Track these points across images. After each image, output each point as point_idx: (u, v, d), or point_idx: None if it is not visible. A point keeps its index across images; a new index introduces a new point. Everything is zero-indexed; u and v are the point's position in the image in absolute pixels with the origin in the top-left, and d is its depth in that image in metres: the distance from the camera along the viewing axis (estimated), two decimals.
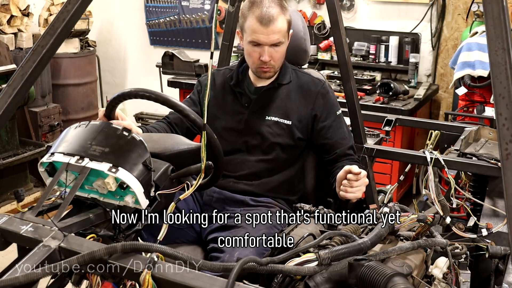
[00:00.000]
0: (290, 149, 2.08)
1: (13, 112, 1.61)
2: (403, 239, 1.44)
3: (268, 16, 1.92)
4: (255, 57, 1.99)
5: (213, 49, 1.38)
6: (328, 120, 2.08)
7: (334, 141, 2.09)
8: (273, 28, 1.93)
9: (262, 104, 2.07)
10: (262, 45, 1.96)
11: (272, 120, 2.05)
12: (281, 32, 1.95)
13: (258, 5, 1.95)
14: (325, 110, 2.08)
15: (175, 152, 1.60)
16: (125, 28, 5.72)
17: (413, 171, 3.25)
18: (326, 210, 1.59)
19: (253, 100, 2.08)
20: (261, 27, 1.93)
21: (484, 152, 2.20)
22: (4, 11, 4.43)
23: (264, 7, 1.94)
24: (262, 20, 1.92)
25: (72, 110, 5.18)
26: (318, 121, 2.08)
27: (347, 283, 1.22)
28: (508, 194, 1.04)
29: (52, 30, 1.43)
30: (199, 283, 1.07)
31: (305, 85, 2.10)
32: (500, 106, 1.05)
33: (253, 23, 1.94)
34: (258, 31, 1.94)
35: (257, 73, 2.05)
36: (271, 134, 2.04)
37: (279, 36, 1.95)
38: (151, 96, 1.50)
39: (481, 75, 3.47)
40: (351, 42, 4.45)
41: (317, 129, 2.08)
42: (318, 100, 2.08)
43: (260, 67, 2.01)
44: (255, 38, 1.95)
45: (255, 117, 2.06)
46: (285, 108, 2.07)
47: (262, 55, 1.96)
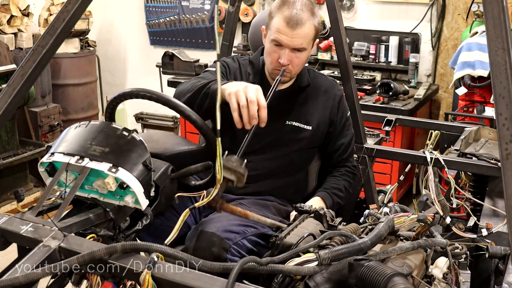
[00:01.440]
0: (306, 153, 2.09)
1: (13, 112, 1.61)
2: (403, 239, 1.44)
3: (296, 18, 1.86)
4: (273, 58, 1.93)
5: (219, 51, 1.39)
6: (339, 124, 2.11)
7: (335, 147, 2.12)
8: (299, 32, 1.87)
9: (282, 108, 2.03)
10: (283, 46, 1.89)
11: (293, 125, 2.03)
12: (306, 38, 1.89)
13: (289, 5, 1.88)
14: (339, 113, 2.10)
15: (175, 153, 1.60)
16: (125, 28, 5.72)
17: (413, 171, 3.26)
18: (326, 210, 1.59)
19: (273, 104, 1.99)
20: (287, 28, 1.86)
21: (484, 152, 2.20)
22: (4, 11, 4.43)
23: (294, 9, 1.87)
24: (290, 22, 1.86)
25: (72, 110, 5.19)
26: (332, 124, 2.09)
27: (347, 283, 1.22)
28: (508, 194, 1.04)
29: (52, 30, 1.43)
30: (199, 283, 1.07)
31: (322, 87, 2.09)
32: (500, 106, 1.05)
33: (279, 22, 1.87)
34: (283, 32, 1.87)
35: (272, 74, 2.00)
36: (291, 139, 2.03)
37: (303, 41, 1.89)
38: (152, 97, 1.50)
39: (481, 75, 3.47)
40: (351, 42, 4.45)
41: (329, 132, 2.10)
42: (335, 103, 2.08)
43: (276, 69, 1.95)
44: (278, 37, 1.88)
45: (275, 121, 1.99)
46: (305, 113, 2.04)
47: (281, 58, 1.90)
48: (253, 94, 1.63)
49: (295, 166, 2.08)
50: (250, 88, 1.64)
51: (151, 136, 1.70)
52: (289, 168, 2.07)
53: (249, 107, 1.62)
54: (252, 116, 1.63)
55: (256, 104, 1.62)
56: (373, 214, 1.51)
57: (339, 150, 2.13)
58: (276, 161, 2.04)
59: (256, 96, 1.63)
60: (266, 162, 2.03)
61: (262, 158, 2.03)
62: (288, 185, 2.08)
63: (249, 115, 1.63)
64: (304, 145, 2.06)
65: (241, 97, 1.62)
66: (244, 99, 1.62)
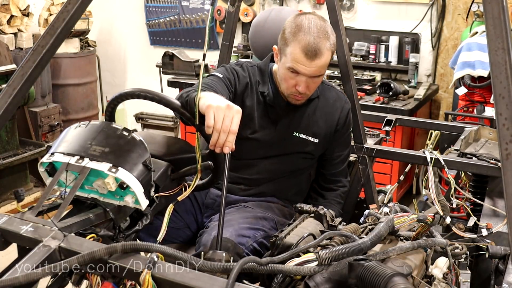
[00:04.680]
0: (310, 161, 2.09)
1: (13, 112, 1.61)
2: (403, 239, 1.44)
3: (315, 49, 1.78)
4: (290, 84, 1.88)
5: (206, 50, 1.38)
6: (342, 136, 2.10)
7: (333, 156, 2.11)
8: (317, 63, 1.80)
9: (290, 120, 2.01)
10: (301, 74, 1.84)
11: (300, 137, 2.02)
12: (325, 67, 1.85)
13: (305, 32, 1.79)
14: (345, 125, 2.09)
15: (178, 158, 1.59)
16: (125, 28, 5.72)
17: (413, 171, 3.26)
18: (326, 210, 1.59)
19: (282, 116, 2.00)
20: (305, 59, 1.79)
21: (484, 152, 2.20)
22: (4, 11, 4.44)
23: (312, 37, 1.78)
24: (308, 53, 1.78)
25: (72, 110, 5.19)
26: (336, 133, 2.08)
27: (347, 283, 1.22)
28: (508, 194, 1.04)
29: (52, 30, 1.43)
30: (199, 283, 1.07)
31: (331, 99, 2.07)
32: (500, 106, 1.05)
33: (297, 52, 1.79)
34: (301, 62, 1.80)
35: (289, 97, 1.95)
36: (297, 151, 2.03)
37: (322, 70, 1.85)
38: (154, 98, 1.49)
39: (481, 75, 3.47)
40: (351, 42, 4.45)
41: (331, 140, 2.09)
42: (342, 115, 2.07)
43: (293, 95, 1.91)
44: (295, 67, 1.82)
45: (283, 132, 2.01)
46: (312, 125, 2.03)
47: (299, 85, 1.85)
48: (229, 121, 1.42)
49: (298, 170, 2.09)
50: (231, 111, 1.43)
51: (153, 138, 1.69)
52: (292, 172, 2.07)
53: (220, 135, 1.42)
54: (225, 143, 1.44)
55: (227, 133, 1.42)
56: (373, 214, 1.51)
57: (336, 160, 2.11)
58: (280, 166, 2.04)
59: (230, 124, 1.42)
60: (270, 166, 2.03)
61: (267, 163, 2.03)
62: (290, 186, 2.09)
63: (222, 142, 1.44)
64: (310, 155, 2.06)
65: (219, 116, 1.41)
66: (221, 122, 1.41)
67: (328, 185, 2.14)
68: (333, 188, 2.13)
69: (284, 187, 2.07)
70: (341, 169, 2.14)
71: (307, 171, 2.13)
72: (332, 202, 2.10)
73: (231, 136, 1.41)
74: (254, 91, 2.00)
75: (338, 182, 2.14)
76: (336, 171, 2.13)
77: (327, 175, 2.14)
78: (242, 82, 1.99)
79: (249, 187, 2.04)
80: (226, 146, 1.42)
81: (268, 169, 2.03)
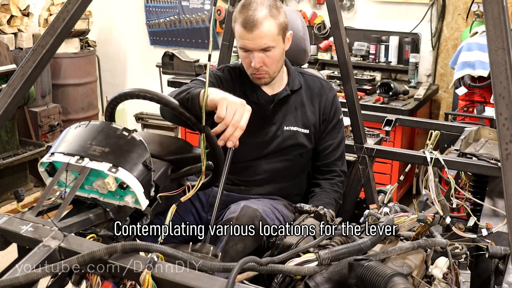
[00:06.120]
0: (307, 156, 2.09)
1: (13, 112, 1.61)
2: (403, 239, 1.44)
3: (252, 20, 1.82)
4: (247, 63, 1.93)
5: (211, 51, 1.38)
6: (330, 123, 2.09)
7: (324, 146, 2.10)
8: (258, 33, 1.83)
9: (277, 114, 2.02)
10: (251, 50, 1.88)
11: (291, 129, 2.02)
12: (268, 37, 1.85)
13: (246, 8, 1.85)
14: (331, 112, 2.09)
15: (178, 158, 1.59)
16: (125, 28, 5.72)
17: (413, 171, 3.26)
18: (326, 210, 1.59)
19: (269, 111, 2.02)
20: (245, 32, 1.84)
21: (484, 152, 2.20)
22: (4, 11, 4.44)
23: (249, 11, 1.83)
24: (246, 25, 1.83)
25: (72, 110, 5.19)
26: (324, 122, 2.08)
27: (347, 283, 1.22)
28: (508, 194, 1.04)
29: (52, 30, 1.43)
30: (199, 283, 1.07)
31: (315, 88, 2.08)
32: (500, 106, 1.05)
33: (238, 28, 1.86)
34: (244, 37, 1.85)
35: (253, 79, 1.99)
36: (291, 144, 2.03)
37: (267, 40, 1.85)
38: (153, 98, 1.49)
39: (481, 75, 3.48)
40: (351, 42, 4.45)
41: (320, 130, 2.09)
42: (328, 103, 2.08)
43: (253, 74, 1.95)
44: (241, 44, 1.88)
45: (273, 128, 2.02)
46: (301, 116, 2.04)
47: (252, 61, 1.89)
48: (239, 116, 1.49)
49: (297, 168, 2.09)
50: (243, 108, 1.51)
51: (154, 138, 1.69)
52: (291, 171, 2.07)
53: (228, 128, 1.48)
54: (230, 137, 1.49)
55: (235, 128, 1.48)
56: (373, 214, 1.51)
57: (327, 149, 2.10)
58: (278, 165, 2.04)
59: (240, 119, 1.49)
60: (267, 166, 2.03)
61: (264, 163, 2.03)
62: (291, 187, 2.09)
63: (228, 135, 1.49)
64: (304, 147, 2.06)
65: (231, 109, 1.48)
66: (232, 115, 1.47)
67: (323, 175, 2.12)
68: (328, 178, 2.12)
69: (285, 188, 2.07)
70: (335, 158, 2.11)
71: (305, 169, 2.13)
72: (327, 190, 2.07)
73: (238, 132, 1.48)
74: (238, 93, 1.98)
75: (333, 172, 2.12)
76: (330, 161, 2.11)
77: (321, 166, 2.12)
78: (227, 86, 1.98)
79: (250, 187, 2.04)
80: (231, 140, 1.48)
81: (265, 169, 2.03)
